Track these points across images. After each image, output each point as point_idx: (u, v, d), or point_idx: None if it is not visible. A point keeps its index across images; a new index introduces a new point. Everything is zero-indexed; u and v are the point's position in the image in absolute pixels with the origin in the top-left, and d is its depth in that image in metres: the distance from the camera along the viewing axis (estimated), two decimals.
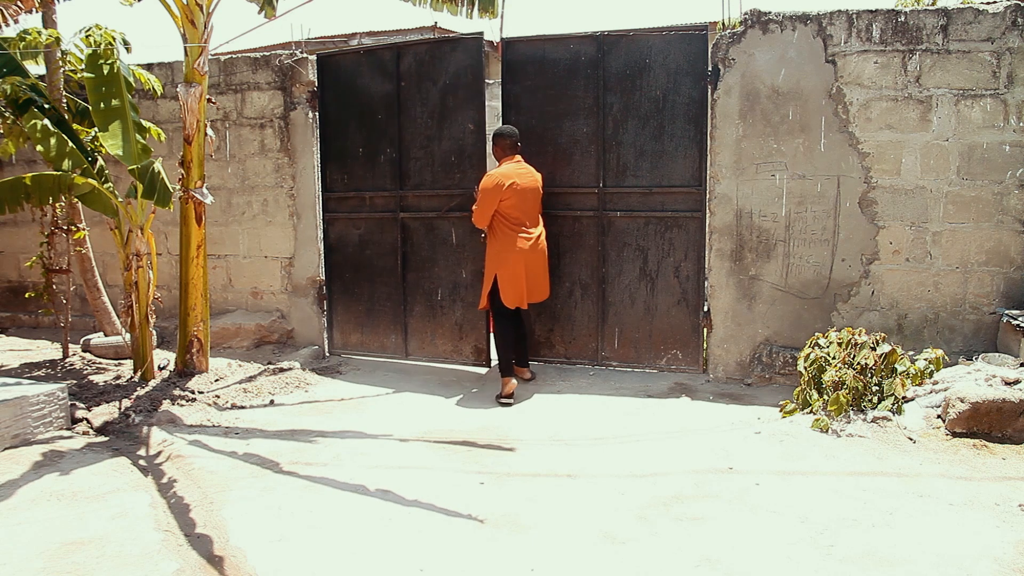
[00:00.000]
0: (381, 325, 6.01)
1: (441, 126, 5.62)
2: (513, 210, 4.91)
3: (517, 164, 5.03)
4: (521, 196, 4.92)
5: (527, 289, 4.98)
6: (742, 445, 3.97)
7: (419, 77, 5.64)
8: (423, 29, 13.82)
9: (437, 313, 5.82)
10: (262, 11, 5.13)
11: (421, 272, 5.83)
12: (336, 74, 5.96)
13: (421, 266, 5.83)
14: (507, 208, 4.90)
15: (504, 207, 4.89)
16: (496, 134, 5.10)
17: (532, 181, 5.02)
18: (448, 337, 5.81)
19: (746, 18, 5.04)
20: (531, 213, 5.01)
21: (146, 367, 5.24)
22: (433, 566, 2.85)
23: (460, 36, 5.63)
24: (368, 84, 5.85)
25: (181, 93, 5.04)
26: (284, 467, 3.84)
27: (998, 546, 2.85)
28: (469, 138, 5.52)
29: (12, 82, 5.12)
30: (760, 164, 5.08)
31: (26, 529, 3.15)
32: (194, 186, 5.11)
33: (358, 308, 6.08)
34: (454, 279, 5.72)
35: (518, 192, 4.90)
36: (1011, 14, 4.65)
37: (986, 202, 4.81)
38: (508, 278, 4.93)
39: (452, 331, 5.79)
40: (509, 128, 5.11)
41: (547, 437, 4.28)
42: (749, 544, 2.94)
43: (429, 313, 5.84)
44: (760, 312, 5.18)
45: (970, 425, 3.82)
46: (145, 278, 5.20)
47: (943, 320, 4.95)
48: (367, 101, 5.86)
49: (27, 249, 7.04)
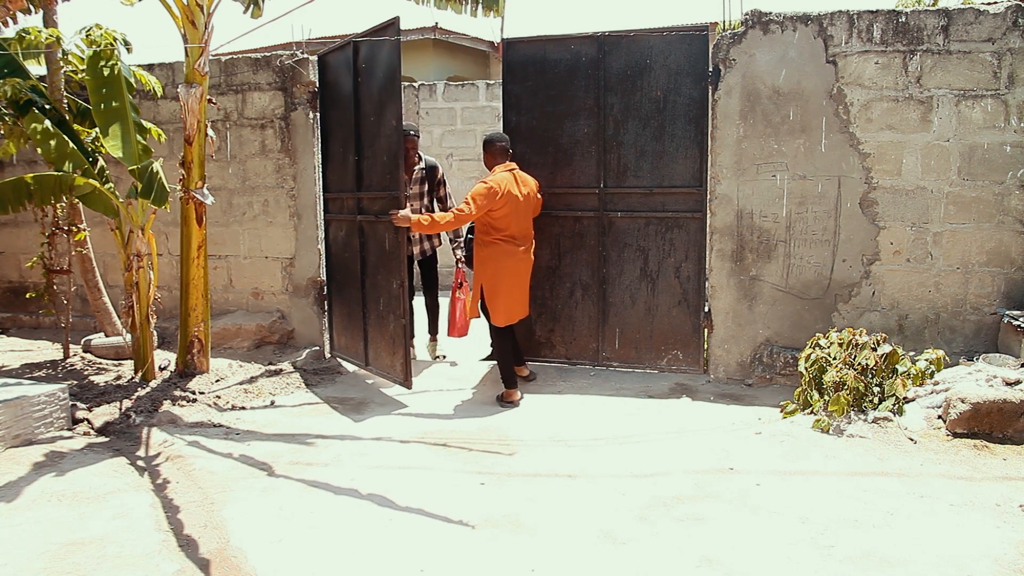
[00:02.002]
0: (353, 330, 5.73)
1: (379, 124, 5.17)
2: (504, 221, 4.71)
3: (513, 172, 4.86)
4: (515, 207, 4.74)
5: (518, 301, 4.91)
6: (743, 445, 3.97)
7: (368, 74, 5.32)
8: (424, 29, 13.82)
9: (380, 323, 5.32)
10: (247, 10, 5.11)
11: (374, 278, 5.38)
12: (333, 73, 5.95)
13: (374, 272, 5.38)
14: (498, 219, 4.70)
15: (495, 217, 4.69)
16: (486, 141, 4.95)
17: (529, 191, 4.89)
18: (387, 351, 5.29)
19: (747, 19, 5.04)
20: (523, 226, 4.86)
21: (147, 368, 5.24)
22: (433, 566, 2.85)
23: (381, 26, 5.07)
24: (343, 82, 5.66)
25: (182, 94, 5.05)
26: (284, 468, 3.84)
27: (999, 546, 2.85)
28: (394, 136, 4.99)
29: (13, 83, 5.13)
30: (761, 164, 5.08)
31: (27, 529, 3.16)
32: (195, 187, 5.11)
33: (343, 311, 5.91)
34: (389, 289, 5.16)
35: (512, 202, 4.72)
36: (1012, 14, 4.65)
37: (987, 202, 4.80)
38: (497, 293, 4.79)
39: (388, 344, 5.26)
40: (498, 133, 4.99)
41: (547, 437, 4.28)
42: (750, 544, 2.94)
43: (378, 322, 5.36)
44: (761, 312, 5.18)
45: (971, 425, 3.82)
46: (146, 278, 5.20)
47: (944, 321, 4.95)
48: (343, 100, 5.63)
49: (28, 250, 7.04)
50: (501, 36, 5.77)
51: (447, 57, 14.79)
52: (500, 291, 4.81)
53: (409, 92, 9.73)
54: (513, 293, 4.86)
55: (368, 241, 5.43)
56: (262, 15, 5.13)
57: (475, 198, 4.64)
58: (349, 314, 5.78)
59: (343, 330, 5.96)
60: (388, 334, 5.23)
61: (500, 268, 4.79)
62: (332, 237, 6.04)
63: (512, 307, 4.88)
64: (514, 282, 4.85)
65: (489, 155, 4.93)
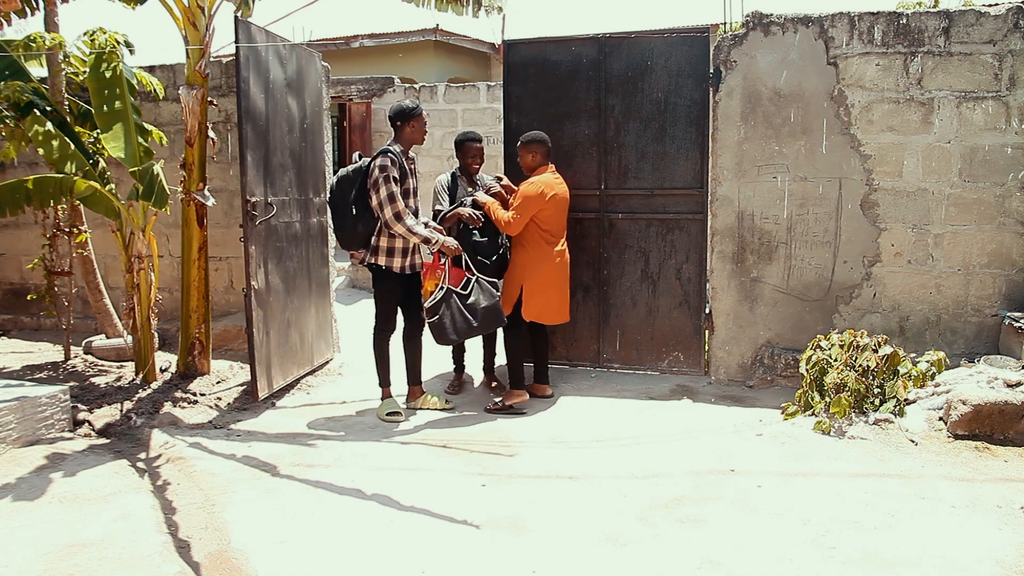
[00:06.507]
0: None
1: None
2: (548, 222, 4.74)
3: (554, 175, 4.83)
4: (556, 208, 4.77)
5: (556, 305, 4.85)
6: (744, 447, 3.97)
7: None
8: (424, 31, 13.84)
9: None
10: (239, 10, 5.13)
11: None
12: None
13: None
14: (544, 219, 4.72)
15: (541, 217, 4.70)
16: (532, 139, 4.78)
17: (564, 194, 4.87)
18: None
19: (748, 20, 5.05)
20: (562, 226, 4.87)
21: (148, 369, 5.24)
22: (435, 568, 2.85)
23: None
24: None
25: (183, 95, 5.05)
26: (285, 469, 3.84)
27: (1000, 548, 2.84)
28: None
29: (13, 86, 5.13)
30: (762, 166, 5.08)
31: (28, 531, 3.16)
32: (196, 188, 5.12)
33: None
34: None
35: (555, 204, 4.75)
36: (1013, 16, 4.65)
37: (988, 204, 4.80)
38: (536, 290, 4.76)
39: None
40: (543, 135, 4.85)
41: (548, 439, 4.28)
42: (751, 546, 2.94)
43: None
44: (762, 314, 5.18)
45: (972, 427, 3.81)
46: (147, 280, 5.21)
47: (945, 322, 4.95)
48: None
49: (29, 251, 7.04)
50: (502, 37, 5.78)
51: (448, 59, 14.81)
52: (543, 289, 4.77)
53: (410, 94, 9.73)
54: (546, 282, 4.79)
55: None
56: (251, 15, 5.12)
57: (527, 200, 4.64)
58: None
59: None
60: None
61: (540, 257, 4.75)
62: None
63: (547, 306, 4.82)
64: (551, 272, 4.79)
65: (533, 154, 4.80)
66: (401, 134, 4.58)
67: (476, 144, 5.00)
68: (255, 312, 4.74)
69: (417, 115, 4.57)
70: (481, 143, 5.06)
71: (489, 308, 4.58)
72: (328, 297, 5.92)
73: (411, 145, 4.63)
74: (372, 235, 4.57)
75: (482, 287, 4.61)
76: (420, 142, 4.70)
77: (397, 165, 4.45)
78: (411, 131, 4.58)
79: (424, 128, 4.66)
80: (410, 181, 4.60)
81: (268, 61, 4.91)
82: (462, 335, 4.62)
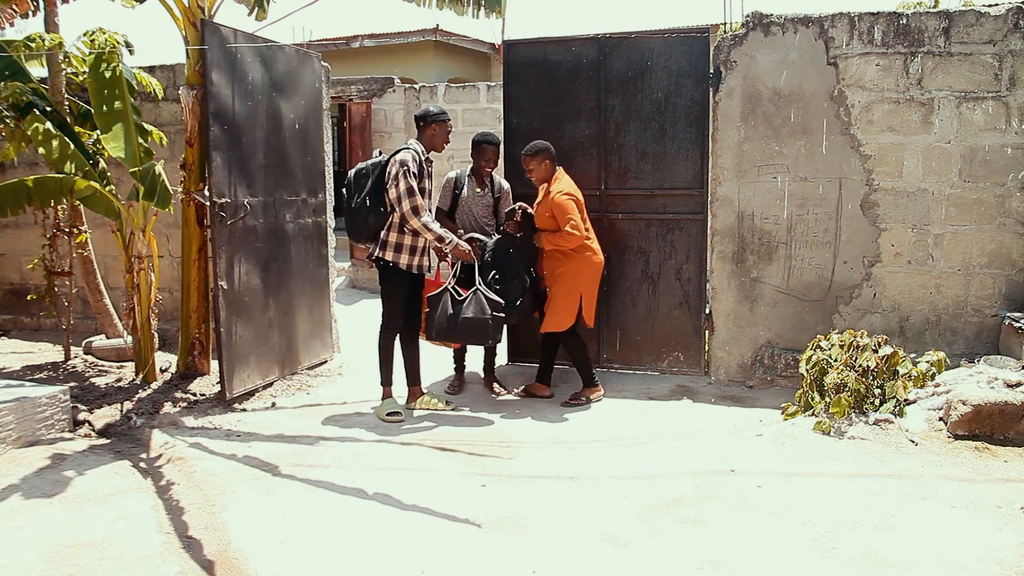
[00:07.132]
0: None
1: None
2: (584, 222, 4.75)
3: (566, 177, 4.85)
4: (583, 208, 4.80)
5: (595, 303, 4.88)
6: (744, 447, 3.97)
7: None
8: (425, 31, 13.85)
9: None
10: (252, 12, 5.12)
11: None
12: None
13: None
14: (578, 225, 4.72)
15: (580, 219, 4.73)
16: (539, 150, 4.73)
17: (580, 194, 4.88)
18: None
19: (748, 20, 5.05)
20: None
21: (148, 369, 5.24)
22: (435, 568, 2.85)
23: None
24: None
25: (183, 95, 5.05)
26: (285, 469, 3.84)
27: (1000, 548, 2.85)
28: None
29: (13, 87, 5.13)
30: (762, 166, 5.08)
31: (28, 531, 3.16)
32: (196, 188, 5.12)
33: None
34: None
35: (582, 204, 4.79)
36: (1013, 16, 4.65)
37: (988, 204, 4.80)
38: (592, 296, 4.81)
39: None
40: (546, 142, 4.81)
41: (548, 439, 4.28)
42: (751, 546, 2.94)
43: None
44: (762, 314, 5.18)
45: (972, 427, 3.82)
46: (147, 280, 5.21)
47: (945, 322, 4.95)
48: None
49: (29, 251, 7.04)
50: (502, 38, 5.78)
51: (448, 59, 14.80)
52: (590, 282, 4.80)
53: (410, 94, 9.73)
54: (595, 283, 4.85)
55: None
56: (267, 17, 5.13)
57: (574, 206, 4.63)
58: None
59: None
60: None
61: (586, 262, 4.73)
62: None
63: (591, 306, 4.84)
64: (597, 272, 4.84)
65: (545, 165, 4.75)
66: (423, 135, 4.64)
67: (492, 147, 4.94)
68: (223, 312, 4.78)
69: (440, 120, 4.63)
70: (498, 147, 4.99)
71: (471, 320, 4.51)
72: (326, 297, 5.91)
73: (431, 149, 4.66)
74: (382, 229, 4.58)
75: (478, 300, 4.55)
76: (439, 149, 4.73)
77: (417, 163, 4.50)
78: (431, 134, 4.62)
79: (445, 136, 4.69)
80: (427, 182, 4.61)
81: (246, 63, 4.93)
82: (440, 336, 4.63)
